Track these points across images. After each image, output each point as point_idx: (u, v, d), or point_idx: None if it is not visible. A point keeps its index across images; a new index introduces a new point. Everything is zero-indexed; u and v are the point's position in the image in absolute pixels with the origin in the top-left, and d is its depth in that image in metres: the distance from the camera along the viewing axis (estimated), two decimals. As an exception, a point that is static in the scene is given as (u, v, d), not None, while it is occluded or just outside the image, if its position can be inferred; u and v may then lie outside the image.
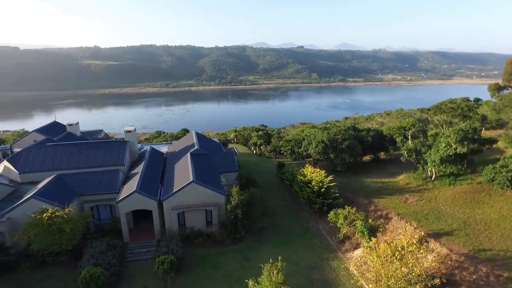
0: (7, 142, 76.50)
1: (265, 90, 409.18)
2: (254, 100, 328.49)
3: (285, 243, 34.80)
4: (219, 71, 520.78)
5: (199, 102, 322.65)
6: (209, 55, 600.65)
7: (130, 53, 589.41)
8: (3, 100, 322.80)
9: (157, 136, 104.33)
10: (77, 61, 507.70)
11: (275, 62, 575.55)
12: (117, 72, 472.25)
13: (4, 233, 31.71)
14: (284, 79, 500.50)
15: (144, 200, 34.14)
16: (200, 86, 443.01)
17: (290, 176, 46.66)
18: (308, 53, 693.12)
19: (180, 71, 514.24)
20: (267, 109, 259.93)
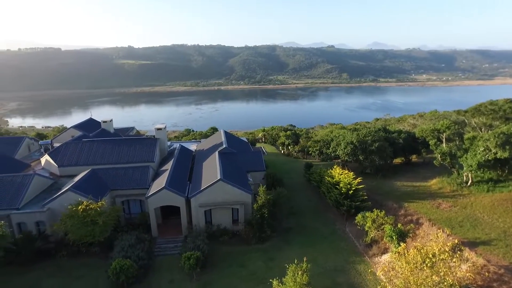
0: (48, 137, 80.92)
1: (294, 90, 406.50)
2: (283, 100, 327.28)
3: (311, 244, 34.48)
4: (249, 71, 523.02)
5: (228, 101, 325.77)
6: (239, 54, 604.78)
7: (162, 52, 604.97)
8: (46, 98, 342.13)
9: (186, 134, 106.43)
10: (112, 61, 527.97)
11: (304, 62, 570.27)
12: (150, 71, 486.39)
13: (45, 222, 33.72)
14: (314, 79, 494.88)
15: (173, 196, 34.99)
16: (229, 86, 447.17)
17: (317, 177, 46.12)
18: (339, 52, 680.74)
19: (210, 70, 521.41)
20: (296, 109, 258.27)
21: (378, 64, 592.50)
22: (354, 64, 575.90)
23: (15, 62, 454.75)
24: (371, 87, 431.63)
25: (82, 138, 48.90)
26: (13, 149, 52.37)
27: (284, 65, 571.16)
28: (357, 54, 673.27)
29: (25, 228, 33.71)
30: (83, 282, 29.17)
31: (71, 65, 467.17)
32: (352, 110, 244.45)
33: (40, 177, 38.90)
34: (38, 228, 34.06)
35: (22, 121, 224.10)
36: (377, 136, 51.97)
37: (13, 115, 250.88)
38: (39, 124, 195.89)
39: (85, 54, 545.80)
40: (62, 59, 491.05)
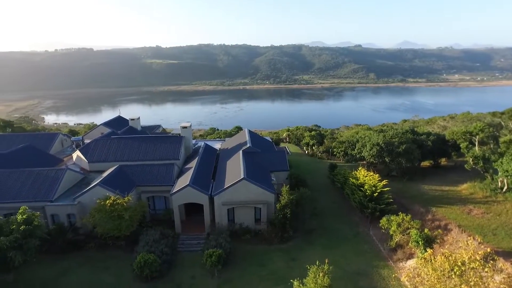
0: (79, 133, 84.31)
1: (320, 90, 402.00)
2: (308, 100, 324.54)
3: (333, 246, 34.05)
4: (274, 70, 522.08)
5: (253, 100, 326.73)
6: (264, 54, 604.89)
7: (189, 52, 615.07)
8: (78, 96, 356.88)
9: (211, 133, 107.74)
10: (140, 60, 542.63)
11: (330, 62, 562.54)
12: (176, 70, 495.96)
13: (75, 215, 35.19)
14: (340, 79, 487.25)
15: (196, 194, 35.54)
16: (254, 85, 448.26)
17: (342, 178, 45.46)
18: (366, 52, 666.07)
19: (236, 70, 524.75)
20: (321, 109, 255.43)
21: (407, 64, 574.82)
22: (381, 64, 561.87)
23: (52, 63, 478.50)
24: (399, 88, 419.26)
25: (110, 135, 50.60)
26: (48, 145, 54.92)
27: (310, 64, 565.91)
28: (385, 53, 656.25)
29: (58, 220, 35.40)
30: (109, 274, 30.24)
31: (102, 65, 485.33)
32: (379, 111, 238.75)
33: (72, 172, 40.66)
34: (69, 220, 35.62)
35: (57, 118, 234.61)
36: (404, 138, 50.56)
37: (48, 112, 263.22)
38: (71, 121, 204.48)
39: (115, 54, 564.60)
40: (94, 59, 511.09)
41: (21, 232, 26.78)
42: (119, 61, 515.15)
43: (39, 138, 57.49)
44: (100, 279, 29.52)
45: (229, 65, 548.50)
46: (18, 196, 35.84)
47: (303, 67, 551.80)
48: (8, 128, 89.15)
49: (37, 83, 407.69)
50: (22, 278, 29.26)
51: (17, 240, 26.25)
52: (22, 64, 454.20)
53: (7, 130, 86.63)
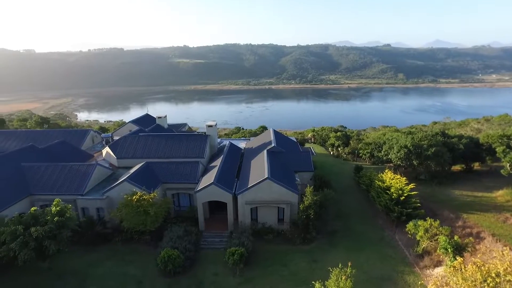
0: (109, 130, 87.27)
1: (346, 90, 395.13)
2: (334, 100, 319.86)
3: (357, 249, 33.42)
4: (300, 70, 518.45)
5: (279, 100, 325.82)
6: (290, 53, 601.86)
7: (215, 51, 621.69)
8: (109, 94, 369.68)
9: (236, 132, 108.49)
10: (168, 60, 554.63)
11: (358, 61, 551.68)
12: (203, 69, 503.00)
13: (104, 209, 36.51)
14: (367, 79, 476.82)
15: (220, 192, 35.91)
16: (280, 85, 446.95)
17: (367, 181, 44.56)
18: (395, 52, 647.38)
19: (262, 69, 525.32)
20: (348, 110, 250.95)
21: (438, 64, 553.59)
22: (411, 63, 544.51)
23: (85, 62, 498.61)
24: (429, 88, 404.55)
25: (138, 133, 52.11)
26: (80, 141, 57.34)
27: (337, 64, 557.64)
28: (415, 53, 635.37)
29: (88, 213, 36.92)
30: (135, 267, 31.17)
31: (132, 64, 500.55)
32: (408, 112, 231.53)
33: (101, 167, 42.22)
34: (98, 213, 37.03)
35: (88, 115, 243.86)
36: (434, 140, 48.91)
37: (81, 110, 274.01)
38: (102, 118, 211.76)
39: (144, 54, 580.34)
40: (124, 58, 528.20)
41: (55, 223, 28.16)
42: (147, 60, 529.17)
43: (72, 134, 60.14)
44: (126, 272, 30.50)
45: (255, 65, 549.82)
46: (53, 188, 37.74)
47: (329, 67, 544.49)
48: (45, 124, 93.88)
49: (71, 82, 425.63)
50: (55, 266, 30.74)
51: (52, 230, 27.67)
52: (58, 64, 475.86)
53: (44, 126, 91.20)
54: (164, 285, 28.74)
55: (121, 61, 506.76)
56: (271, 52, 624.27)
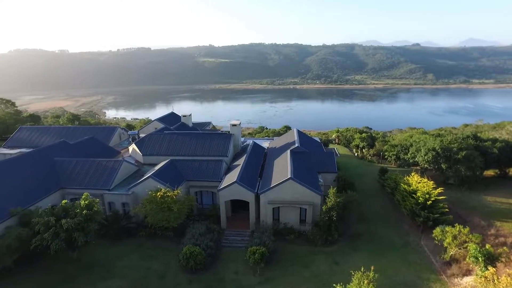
0: (135, 128, 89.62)
1: (372, 91, 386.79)
2: (360, 101, 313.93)
3: (380, 253, 32.66)
4: (325, 70, 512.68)
5: (303, 100, 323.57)
6: (315, 53, 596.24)
7: (240, 51, 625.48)
8: (136, 93, 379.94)
9: (260, 131, 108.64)
10: (194, 59, 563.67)
11: (385, 61, 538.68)
12: (228, 69, 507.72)
13: (129, 204, 37.54)
14: (394, 80, 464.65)
15: (243, 191, 36.07)
16: (304, 84, 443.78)
17: (392, 183, 43.44)
18: (425, 51, 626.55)
19: (286, 69, 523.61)
20: (373, 111, 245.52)
21: (471, 64, 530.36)
22: (442, 63, 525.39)
23: (114, 61, 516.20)
24: (461, 89, 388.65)
25: (163, 130, 53.15)
26: (108, 137, 59.24)
27: (363, 64, 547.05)
28: (446, 52, 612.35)
29: (114, 207, 38.04)
30: (157, 262, 31.85)
31: (158, 63, 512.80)
32: (437, 114, 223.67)
33: (127, 164, 43.43)
34: (123, 208, 38.10)
35: (116, 112, 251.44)
36: (464, 143, 47.02)
37: (109, 107, 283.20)
38: (129, 116, 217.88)
39: (170, 53, 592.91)
40: (151, 57, 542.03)
41: (84, 216, 29.27)
42: (173, 59, 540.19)
43: (101, 131, 62.21)
44: (149, 266, 31.23)
45: (279, 64, 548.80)
46: (82, 183, 39.23)
47: (355, 67, 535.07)
48: (76, 121, 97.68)
49: (101, 81, 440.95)
50: (83, 257, 31.91)
51: (80, 223, 28.83)
52: (89, 64, 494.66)
53: (75, 123, 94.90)
54: (185, 281, 29.21)
55: (148, 61, 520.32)
56: (296, 51, 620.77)
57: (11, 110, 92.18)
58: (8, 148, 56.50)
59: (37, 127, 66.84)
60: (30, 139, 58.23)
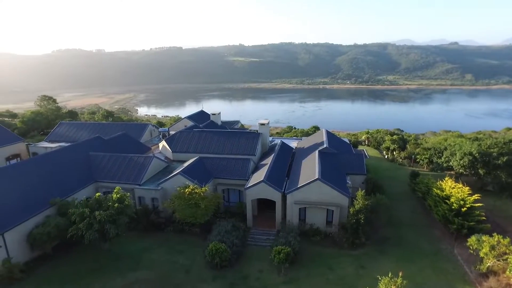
0: (166, 125, 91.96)
1: (405, 92, 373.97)
2: (391, 102, 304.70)
3: (409, 259, 31.58)
4: (356, 70, 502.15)
5: (332, 100, 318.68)
6: (346, 53, 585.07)
7: (270, 50, 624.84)
8: (166, 91, 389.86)
9: (288, 131, 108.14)
10: (224, 58, 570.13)
11: (419, 61, 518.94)
12: (257, 68, 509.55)
13: (158, 199, 38.58)
14: (429, 80, 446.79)
15: (270, 190, 36.09)
16: (334, 84, 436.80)
17: (424, 188, 41.89)
18: (463, 50, 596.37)
19: (316, 69, 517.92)
20: (405, 112, 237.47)
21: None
22: (482, 63, 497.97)
23: (147, 60, 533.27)
24: (504, 90, 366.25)
25: (193, 128, 54.18)
26: (139, 134, 61.20)
27: (396, 64, 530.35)
28: (488, 51, 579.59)
29: (144, 202, 39.24)
30: (184, 257, 32.54)
31: (189, 62, 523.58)
32: (475, 116, 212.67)
33: (157, 160, 44.65)
34: (153, 203, 39.20)
35: (147, 110, 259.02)
36: (506, 148, 44.53)
37: (141, 105, 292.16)
38: (159, 113, 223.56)
39: (201, 52, 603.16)
40: (183, 56, 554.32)
41: (115, 209, 30.48)
42: (204, 58, 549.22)
43: (133, 127, 64.42)
44: (175, 261, 31.97)
45: (309, 64, 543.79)
46: (114, 177, 40.82)
47: (387, 67, 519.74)
48: (110, 117, 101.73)
49: (134, 79, 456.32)
50: (114, 248, 33.20)
51: (112, 215, 30.04)
52: (124, 62, 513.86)
53: (109, 119, 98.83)
54: (210, 277, 29.65)
55: (179, 60, 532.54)
56: (327, 51, 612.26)
57: (52, 107, 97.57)
58: (49, 142, 59.93)
59: (74, 122, 70.39)
60: (68, 134, 61.44)
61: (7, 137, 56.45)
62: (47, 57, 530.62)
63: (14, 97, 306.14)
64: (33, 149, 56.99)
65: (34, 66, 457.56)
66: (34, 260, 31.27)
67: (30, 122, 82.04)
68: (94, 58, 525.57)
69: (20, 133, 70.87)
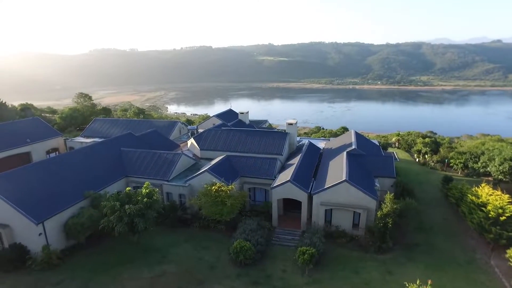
0: (194, 123, 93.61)
1: (440, 93, 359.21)
2: (425, 103, 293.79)
3: (439, 267, 30.32)
4: (388, 70, 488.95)
5: (362, 101, 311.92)
6: (378, 52, 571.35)
7: (300, 50, 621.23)
8: (196, 89, 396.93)
9: (316, 132, 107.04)
10: (253, 57, 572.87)
11: (456, 61, 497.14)
12: (286, 67, 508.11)
13: (185, 195, 39.38)
14: (466, 81, 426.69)
15: (296, 190, 35.89)
16: (365, 85, 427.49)
17: (457, 194, 40.08)
18: (507, 48, 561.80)
19: (346, 69, 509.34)
20: (439, 114, 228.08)
21: None
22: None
23: (177, 59, 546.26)
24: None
25: (221, 127, 54.78)
26: (169, 131, 62.73)
27: (430, 64, 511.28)
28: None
29: (171, 198, 40.21)
30: (209, 253, 33.01)
31: (219, 61, 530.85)
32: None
33: (186, 157, 45.55)
34: (180, 199, 40.07)
35: (177, 108, 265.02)
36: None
37: (171, 103, 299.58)
38: (188, 111, 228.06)
39: (230, 51, 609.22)
40: (212, 55, 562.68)
41: (144, 204, 31.44)
42: (233, 58, 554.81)
43: (162, 124, 66.17)
44: (201, 256, 32.50)
45: (339, 64, 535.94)
46: (144, 172, 42.07)
47: (421, 67, 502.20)
48: (141, 114, 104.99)
49: (165, 77, 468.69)
50: (142, 242, 34.24)
51: (141, 209, 31.01)
52: (155, 61, 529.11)
53: (140, 116, 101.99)
54: (234, 274, 29.90)
55: (209, 58, 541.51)
56: (357, 51, 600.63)
57: (88, 103, 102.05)
58: (85, 137, 62.83)
59: (108, 119, 73.22)
60: (102, 129, 64.05)
61: (48, 131, 60.04)
62: (84, 56, 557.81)
63: (55, 95, 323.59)
64: (70, 144, 59.97)
65: (73, 65, 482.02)
66: (69, 248, 32.94)
67: (68, 118, 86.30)
68: (127, 57, 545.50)
69: (59, 128, 74.77)
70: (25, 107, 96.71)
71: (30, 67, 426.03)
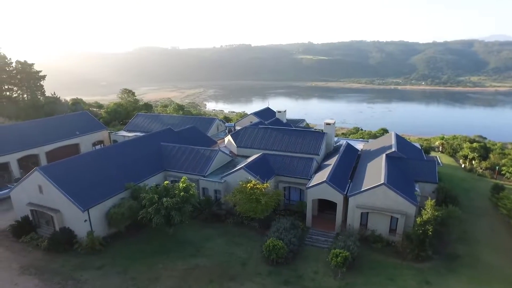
0: (232, 120, 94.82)
1: (492, 94, 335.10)
2: (474, 106, 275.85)
3: (484, 282, 28.43)
4: (433, 70, 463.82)
5: (404, 102, 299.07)
6: (423, 51, 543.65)
7: (340, 48, 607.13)
8: (234, 87, 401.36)
9: (354, 132, 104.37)
10: (292, 56, 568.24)
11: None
12: (325, 66, 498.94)
13: (221, 191, 40.08)
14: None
15: (332, 191, 35.31)
16: (407, 85, 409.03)
17: (509, 204, 37.34)
18: None
19: (388, 68, 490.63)
20: (490, 118, 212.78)
21: None
22: None
23: (216, 57, 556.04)
24: None
25: (258, 125, 55.03)
26: (207, 128, 64.07)
27: (482, 63, 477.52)
28: None
29: (207, 193, 41.11)
30: (241, 249, 33.38)
31: (257, 59, 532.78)
32: None
33: (223, 153, 46.32)
34: (215, 195, 40.86)
35: (215, 105, 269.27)
36: None
37: (209, 100, 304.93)
38: (226, 109, 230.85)
39: (269, 50, 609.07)
40: (251, 54, 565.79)
41: (181, 197, 32.47)
42: (272, 56, 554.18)
43: (201, 121, 67.71)
44: (233, 252, 32.96)
45: (381, 63, 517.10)
46: (181, 167, 43.38)
47: (472, 66, 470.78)
48: (180, 110, 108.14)
49: (204, 74, 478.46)
50: (178, 234, 35.37)
51: (178, 203, 32.09)
52: (195, 59, 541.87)
53: (179, 112, 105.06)
54: (266, 272, 30.00)
55: (248, 57, 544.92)
56: (401, 49, 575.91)
57: (131, 99, 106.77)
58: (127, 131, 65.93)
59: (149, 114, 76.26)
60: (143, 124, 66.82)
61: (94, 125, 64.10)
62: (129, 54, 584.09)
63: (102, 90, 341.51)
64: (114, 137, 63.23)
65: (118, 62, 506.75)
66: (110, 236, 34.90)
67: (112, 112, 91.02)
68: (169, 55, 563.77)
69: (104, 122, 78.94)
70: (75, 102, 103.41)
71: (79, 66, 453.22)
